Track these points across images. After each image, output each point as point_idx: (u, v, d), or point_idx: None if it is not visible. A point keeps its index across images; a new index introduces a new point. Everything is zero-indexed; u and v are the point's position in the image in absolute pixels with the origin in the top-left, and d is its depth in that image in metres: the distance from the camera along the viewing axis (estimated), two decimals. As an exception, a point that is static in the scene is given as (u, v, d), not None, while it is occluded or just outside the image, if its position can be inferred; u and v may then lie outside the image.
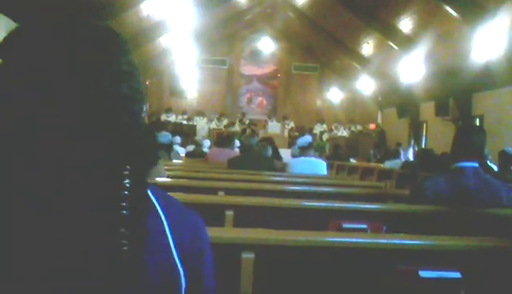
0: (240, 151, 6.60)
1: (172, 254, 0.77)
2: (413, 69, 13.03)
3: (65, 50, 0.69)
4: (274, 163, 5.75)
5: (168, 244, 0.77)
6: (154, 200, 0.79)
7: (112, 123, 0.71)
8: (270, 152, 5.84)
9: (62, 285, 0.64)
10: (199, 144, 9.74)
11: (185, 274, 0.78)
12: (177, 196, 2.72)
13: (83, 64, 0.69)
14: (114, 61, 0.73)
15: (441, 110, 13.26)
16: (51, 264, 0.64)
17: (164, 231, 0.77)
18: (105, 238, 0.67)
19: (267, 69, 20.67)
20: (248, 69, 20.57)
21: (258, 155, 5.58)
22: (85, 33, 0.72)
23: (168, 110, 18.04)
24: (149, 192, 0.79)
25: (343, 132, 18.40)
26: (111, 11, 10.88)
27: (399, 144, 14.43)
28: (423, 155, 7.11)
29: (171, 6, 12.57)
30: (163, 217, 0.78)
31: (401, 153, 10.16)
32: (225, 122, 17.91)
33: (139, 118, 0.76)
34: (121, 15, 11.57)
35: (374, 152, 14.33)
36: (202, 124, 17.67)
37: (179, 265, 0.77)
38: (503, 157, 6.12)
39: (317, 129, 18.55)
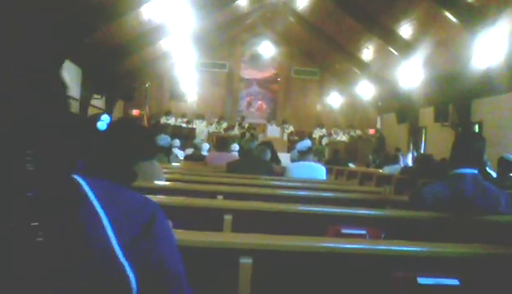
0: (239, 155, 6.60)
1: (113, 249, 0.71)
2: (413, 74, 13.05)
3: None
4: (273, 167, 5.75)
5: (108, 239, 0.71)
6: (88, 191, 0.73)
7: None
8: (269, 155, 5.83)
9: None
10: (198, 148, 9.74)
11: (132, 269, 0.72)
12: (176, 200, 2.72)
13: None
14: None
15: (440, 116, 13.27)
16: None
17: (102, 225, 0.72)
18: (18, 233, 0.64)
19: (267, 72, 20.69)
20: (248, 73, 20.59)
21: (258, 159, 5.57)
22: None
23: (168, 113, 18.05)
24: (81, 182, 0.74)
25: (342, 137, 18.40)
26: (112, 14, 10.90)
27: (398, 150, 14.43)
28: (422, 161, 7.11)
29: (171, 10, 12.59)
30: (99, 209, 0.72)
31: (401, 158, 10.15)
32: (224, 125, 17.93)
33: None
34: (121, 19, 11.60)
35: (373, 157, 14.34)
36: (201, 127, 17.68)
37: (123, 260, 0.71)
38: (502, 163, 6.12)
39: (317, 133, 18.56)
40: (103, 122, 1.33)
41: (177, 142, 10.35)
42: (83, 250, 0.68)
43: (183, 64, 18.54)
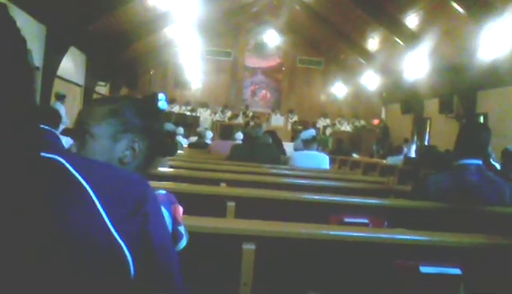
0: (244, 142, 6.59)
1: (108, 228, 0.69)
2: (418, 65, 12.99)
3: None
4: (278, 153, 5.74)
5: (101, 217, 0.70)
6: (72, 170, 0.71)
7: None
8: (270, 140, 5.82)
9: None
10: (201, 136, 9.74)
11: (127, 246, 0.71)
12: (180, 186, 2.73)
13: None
14: None
15: (445, 107, 13.23)
16: None
17: (94, 204, 0.70)
18: None
19: (272, 61, 20.62)
20: (252, 62, 20.52)
21: (262, 144, 5.55)
22: None
23: (172, 101, 18.01)
24: (63, 162, 0.71)
25: (346, 127, 18.38)
26: (117, 1, 10.86)
27: (406, 141, 14.38)
28: (425, 152, 7.10)
29: (177, -3, 12.54)
30: (88, 188, 0.70)
31: (405, 149, 10.13)
32: (228, 114, 17.92)
33: None
34: (127, 5, 11.55)
35: (377, 147, 14.31)
36: (205, 116, 17.68)
37: (119, 240, 0.70)
38: (506, 155, 6.10)
39: (321, 123, 18.52)
40: (163, 101, 1.31)
41: (180, 130, 10.35)
42: (73, 231, 0.66)
43: (188, 51, 18.49)
